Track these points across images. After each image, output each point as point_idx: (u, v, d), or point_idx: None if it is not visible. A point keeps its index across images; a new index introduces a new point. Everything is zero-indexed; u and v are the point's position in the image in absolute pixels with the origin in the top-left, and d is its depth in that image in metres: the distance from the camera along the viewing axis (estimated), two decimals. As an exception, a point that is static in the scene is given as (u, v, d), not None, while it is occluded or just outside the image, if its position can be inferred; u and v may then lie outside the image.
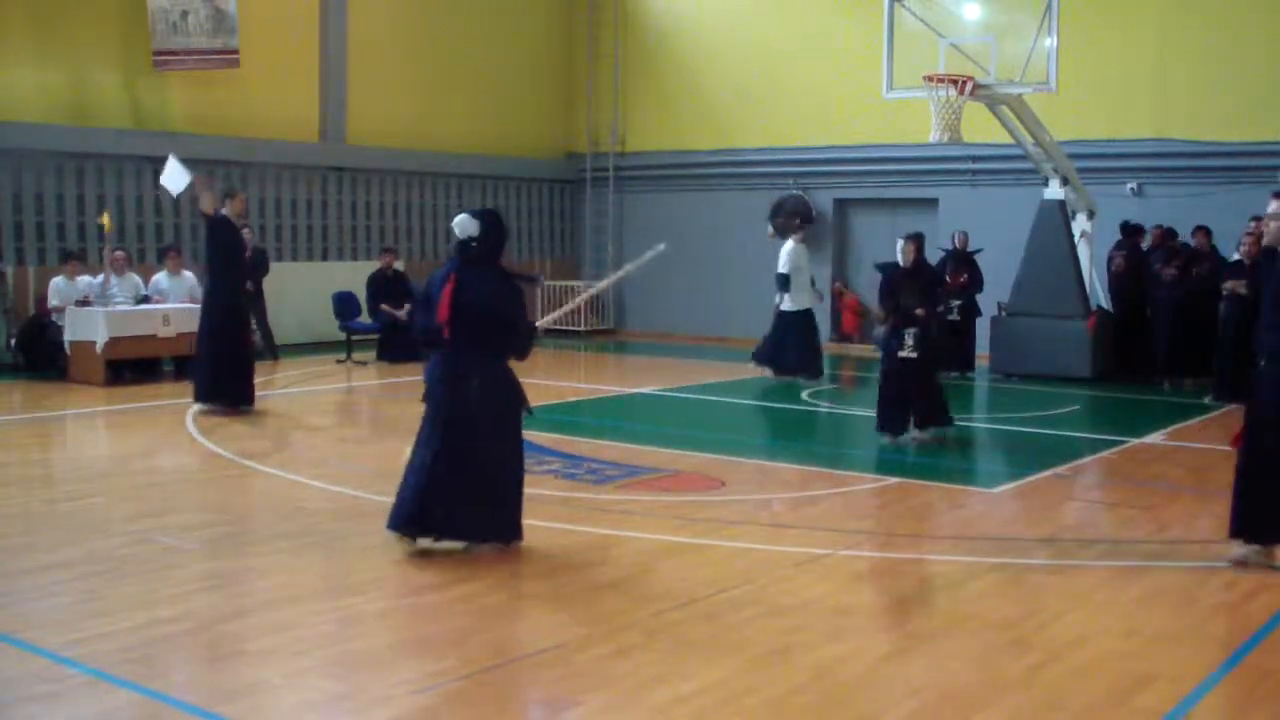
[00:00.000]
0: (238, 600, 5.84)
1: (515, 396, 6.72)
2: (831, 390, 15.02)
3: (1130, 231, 15.28)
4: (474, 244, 6.60)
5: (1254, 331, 6.71)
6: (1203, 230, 14.16)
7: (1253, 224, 12.95)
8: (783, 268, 14.58)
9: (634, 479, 8.68)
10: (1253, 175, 15.36)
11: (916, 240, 10.52)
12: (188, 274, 14.81)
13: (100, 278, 14.11)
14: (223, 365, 11.43)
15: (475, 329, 6.52)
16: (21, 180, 15.23)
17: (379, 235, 19.16)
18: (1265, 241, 6.50)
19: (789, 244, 14.72)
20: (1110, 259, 15.32)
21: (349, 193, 18.88)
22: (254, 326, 14.40)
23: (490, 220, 6.65)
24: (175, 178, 11.44)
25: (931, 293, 10.55)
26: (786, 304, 14.60)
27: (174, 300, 14.25)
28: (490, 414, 6.60)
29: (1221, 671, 5.07)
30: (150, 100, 16.44)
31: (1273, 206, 6.31)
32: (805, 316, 14.70)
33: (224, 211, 11.77)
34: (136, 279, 14.43)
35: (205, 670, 4.93)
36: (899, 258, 10.50)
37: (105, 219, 13.98)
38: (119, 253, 14.49)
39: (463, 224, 6.62)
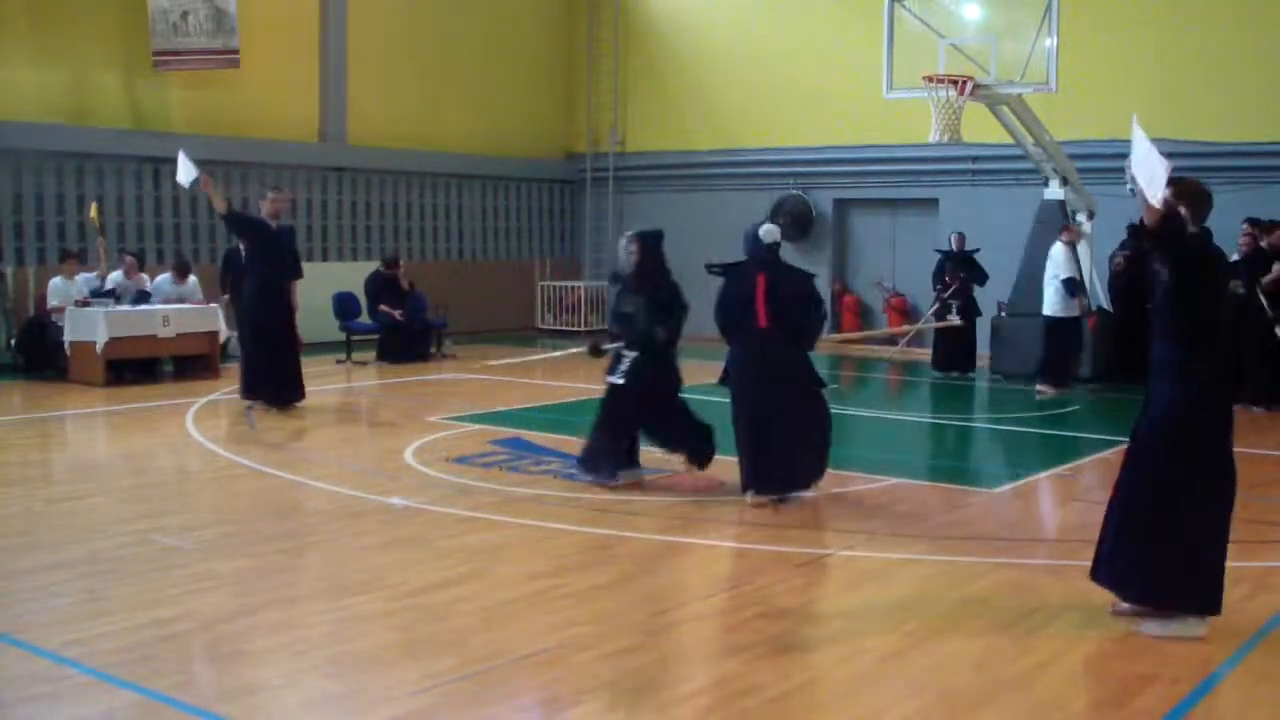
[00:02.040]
0: (238, 600, 5.84)
1: (812, 373, 8.24)
2: (831, 390, 15.02)
3: (1135, 233, 15.24)
4: (777, 246, 8.14)
5: (1132, 336, 5.88)
6: (1204, 230, 14.14)
7: (1245, 225, 12.97)
8: (1068, 272, 13.84)
9: (634, 479, 8.67)
10: (1253, 175, 15.37)
11: (641, 240, 8.64)
12: (191, 278, 14.84)
13: (95, 273, 14.16)
14: (258, 363, 11.62)
15: (786, 318, 7.93)
16: (21, 180, 15.23)
17: (379, 236, 19.17)
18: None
19: (1061, 248, 13.95)
20: (1111, 258, 15.30)
21: (349, 193, 18.89)
22: (232, 329, 14.44)
23: (783, 227, 8.21)
24: (184, 171, 11.50)
25: (667, 305, 8.53)
26: (1061, 310, 13.85)
27: (174, 302, 14.27)
28: (797, 389, 8.04)
29: (1221, 671, 5.07)
30: (150, 100, 16.45)
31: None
32: (1076, 324, 14.05)
33: (264, 214, 12.01)
34: (146, 281, 14.47)
35: (205, 670, 4.93)
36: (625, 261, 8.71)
37: (94, 210, 13.98)
38: (129, 258, 14.51)
39: (772, 231, 8.20)
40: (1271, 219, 12.86)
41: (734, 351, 8.19)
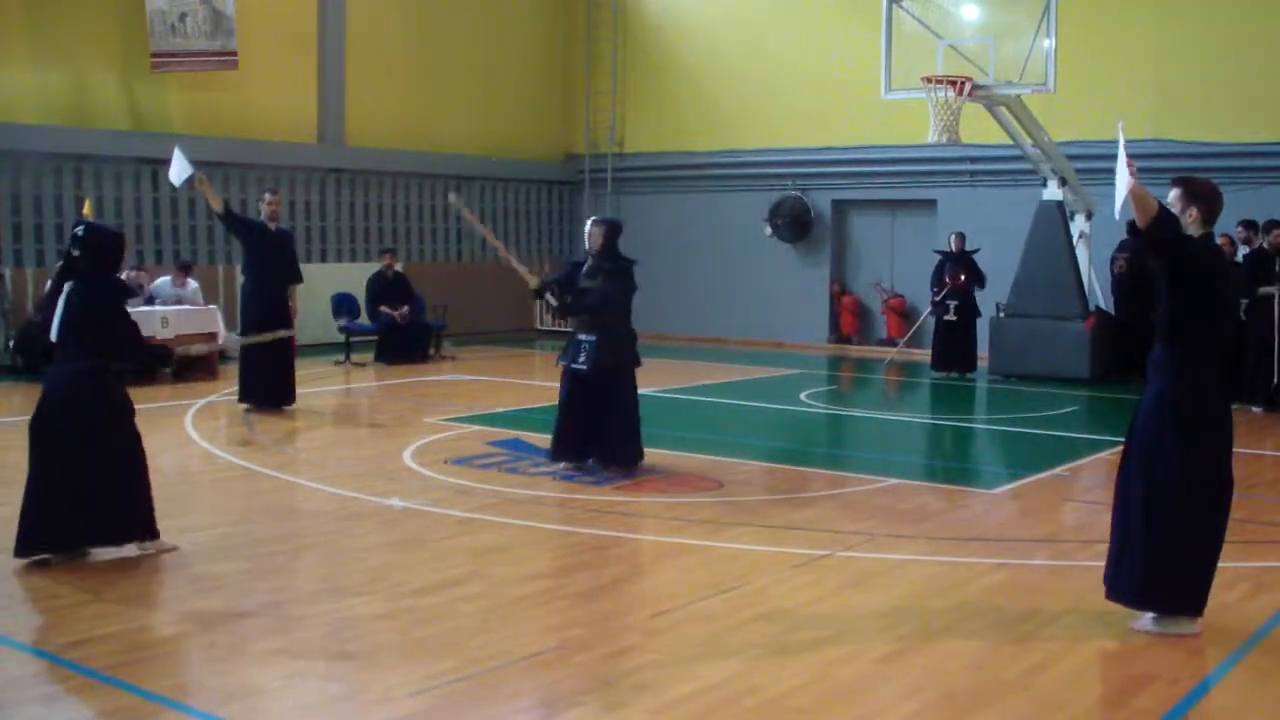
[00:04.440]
0: (237, 602, 5.83)
1: None
2: (831, 390, 15.04)
3: (1135, 232, 15.22)
4: None
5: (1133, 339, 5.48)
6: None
7: (1239, 228, 12.98)
8: None
9: (633, 480, 8.68)
10: (1253, 175, 15.38)
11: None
12: (192, 282, 14.86)
13: None
14: (251, 366, 11.69)
15: None
16: (20, 182, 15.22)
17: (378, 237, 19.17)
18: None
19: None
20: (1113, 260, 15.32)
21: (348, 194, 18.88)
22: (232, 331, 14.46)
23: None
24: (178, 169, 11.45)
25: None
26: None
27: (172, 304, 14.27)
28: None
29: (1221, 671, 5.07)
30: (149, 102, 16.44)
31: (1171, 195, 5.50)
32: None
33: (262, 217, 12.07)
34: (151, 290, 14.50)
35: (205, 671, 4.92)
36: None
37: (88, 207, 13.97)
38: (131, 273, 14.51)
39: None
40: (1271, 219, 12.85)
41: (632, 336, 9.08)
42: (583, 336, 8.85)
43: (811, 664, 5.02)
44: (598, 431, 8.85)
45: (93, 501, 6.35)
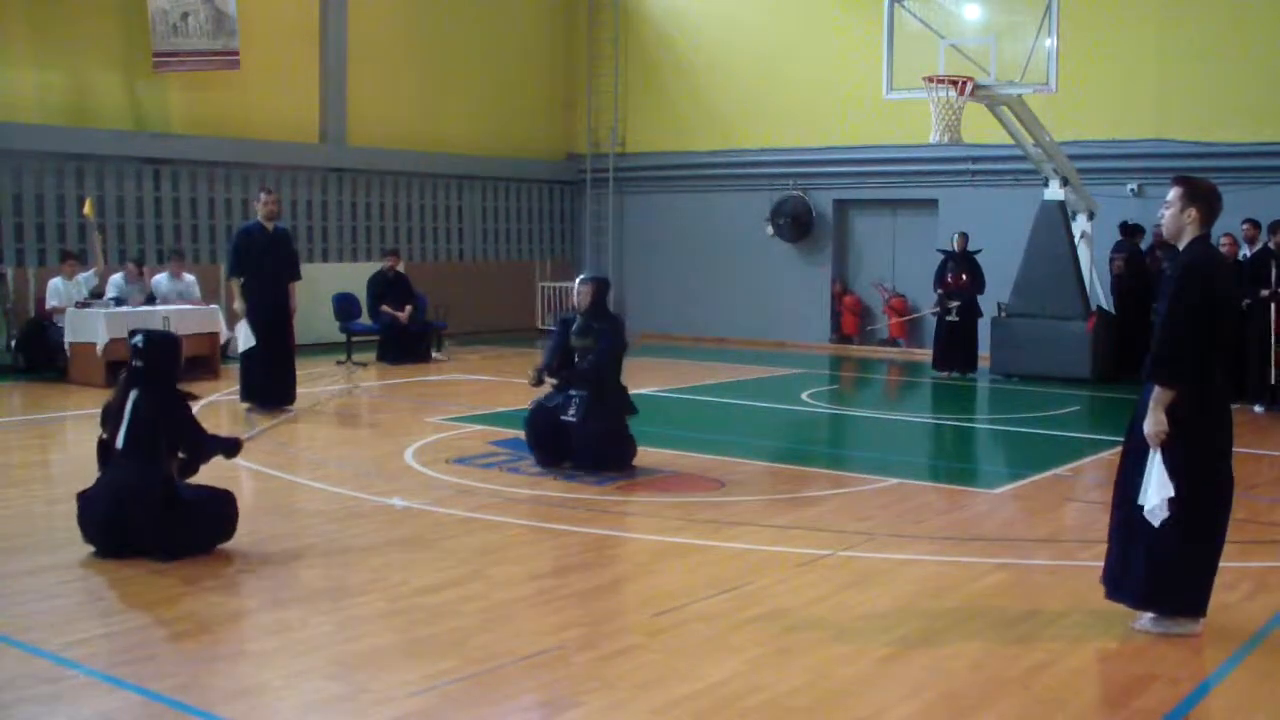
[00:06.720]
0: (238, 600, 5.84)
1: None
2: (832, 390, 15.03)
3: (1129, 231, 15.28)
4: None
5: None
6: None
7: (1245, 225, 12.98)
8: None
9: (634, 479, 8.68)
10: (1253, 175, 15.36)
11: None
12: (188, 276, 14.87)
13: (91, 271, 14.19)
14: (254, 367, 11.74)
15: None
16: (21, 181, 15.23)
17: (379, 237, 19.18)
18: (1164, 234, 5.62)
19: None
20: (1111, 260, 15.33)
21: (349, 194, 18.88)
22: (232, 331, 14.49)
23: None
24: (243, 336, 11.86)
25: None
26: None
27: (173, 302, 14.29)
28: None
29: (1221, 672, 5.07)
30: (150, 102, 16.45)
31: (1170, 194, 5.44)
32: None
33: (259, 218, 12.07)
34: (150, 285, 14.53)
35: (205, 671, 4.92)
36: None
37: (88, 207, 13.99)
38: (131, 265, 14.54)
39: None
40: (1276, 219, 12.84)
41: (623, 391, 9.10)
42: (573, 391, 8.92)
43: (812, 664, 5.02)
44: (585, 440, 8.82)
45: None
